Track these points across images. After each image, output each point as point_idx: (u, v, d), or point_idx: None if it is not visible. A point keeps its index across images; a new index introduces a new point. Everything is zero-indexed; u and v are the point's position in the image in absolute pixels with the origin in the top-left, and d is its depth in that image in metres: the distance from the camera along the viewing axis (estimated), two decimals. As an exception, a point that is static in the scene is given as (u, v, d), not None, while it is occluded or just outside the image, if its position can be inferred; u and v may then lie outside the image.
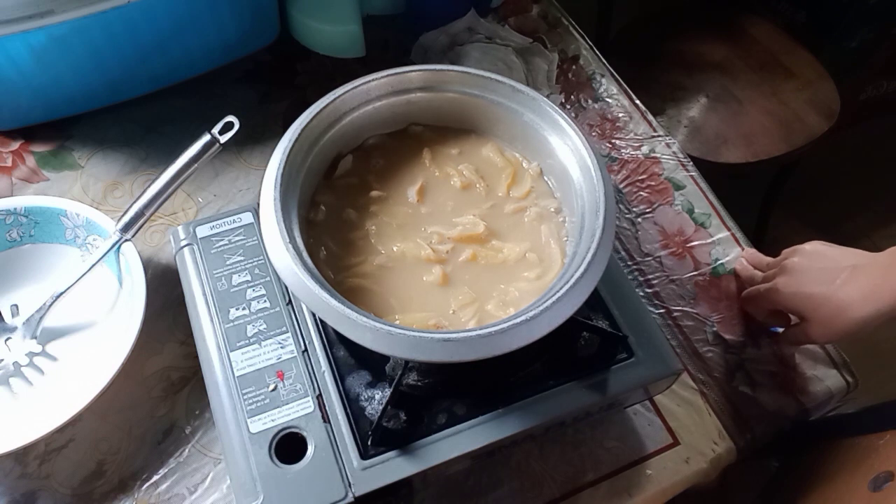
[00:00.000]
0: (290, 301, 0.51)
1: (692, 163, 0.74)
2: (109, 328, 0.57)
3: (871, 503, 0.52)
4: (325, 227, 0.50)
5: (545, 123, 0.51)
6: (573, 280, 0.42)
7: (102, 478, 0.53)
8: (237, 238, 0.53)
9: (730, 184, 0.91)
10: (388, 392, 0.45)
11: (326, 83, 0.55)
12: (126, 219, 0.57)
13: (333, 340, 0.49)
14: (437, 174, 0.54)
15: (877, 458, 0.55)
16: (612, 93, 0.79)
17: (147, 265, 0.58)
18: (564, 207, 0.52)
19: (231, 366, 0.48)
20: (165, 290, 0.61)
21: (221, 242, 0.53)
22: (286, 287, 0.50)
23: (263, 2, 0.71)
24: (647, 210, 0.71)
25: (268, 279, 0.51)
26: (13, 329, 0.57)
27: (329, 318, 0.41)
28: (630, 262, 0.67)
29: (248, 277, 0.51)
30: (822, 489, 0.60)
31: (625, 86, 0.80)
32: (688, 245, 0.69)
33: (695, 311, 0.65)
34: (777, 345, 0.63)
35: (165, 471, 0.54)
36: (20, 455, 0.54)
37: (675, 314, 0.65)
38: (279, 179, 0.45)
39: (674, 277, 0.66)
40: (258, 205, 0.47)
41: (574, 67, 0.81)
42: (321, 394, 0.47)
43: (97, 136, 0.71)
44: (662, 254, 0.68)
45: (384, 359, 0.48)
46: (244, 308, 0.50)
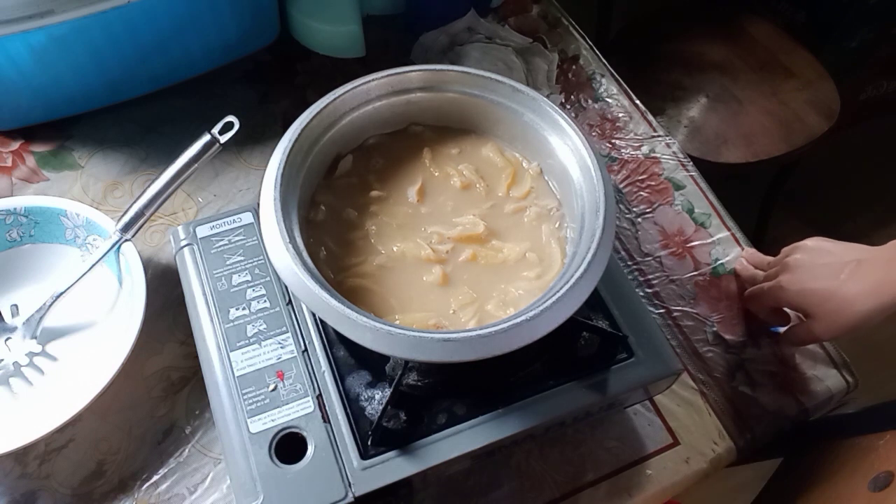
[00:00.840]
0: (290, 301, 0.51)
1: (692, 163, 0.74)
2: (109, 328, 0.57)
3: (871, 503, 0.52)
4: (325, 227, 0.50)
5: (545, 123, 0.51)
6: (573, 280, 0.42)
7: (102, 478, 0.53)
8: (237, 238, 0.53)
9: (730, 184, 0.91)
10: (388, 392, 0.45)
11: (326, 83, 0.55)
12: (126, 219, 0.57)
13: (333, 340, 0.49)
14: (437, 174, 0.54)
15: (877, 458, 0.55)
16: (612, 93, 0.79)
17: (147, 265, 0.58)
18: (564, 207, 0.52)
19: (231, 366, 0.48)
20: (165, 290, 0.61)
21: (221, 242, 0.53)
22: (286, 287, 0.50)
23: (263, 2, 0.71)
24: (647, 210, 0.71)
25: (268, 279, 0.51)
26: (13, 329, 0.57)
27: (329, 318, 0.41)
28: (630, 262, 0.67)
29: (248, 277, 0.51)
30: (822, 489, 0.60)
31: (625, 86, 0.80)
32: (688, 245, 0.69)
33: (695, 311, 0.65)
34: (779, 345, 0.63)
35: (165, 471, 0.54)
36: (20, 455, 0.54)
37: (675, 314, 0.65)
38: (279, 179, 0.45)
39: (674, 277, 0.66)
40: (258, 205, 0.47)
41: (574, 67, 0.81)
42: (321, 394, 0.47)
43: (97, 136, 0.71)
44: (662, 254, 0.68)
45: (384, 359, 0.48)
46: (244, 308, 0.50)
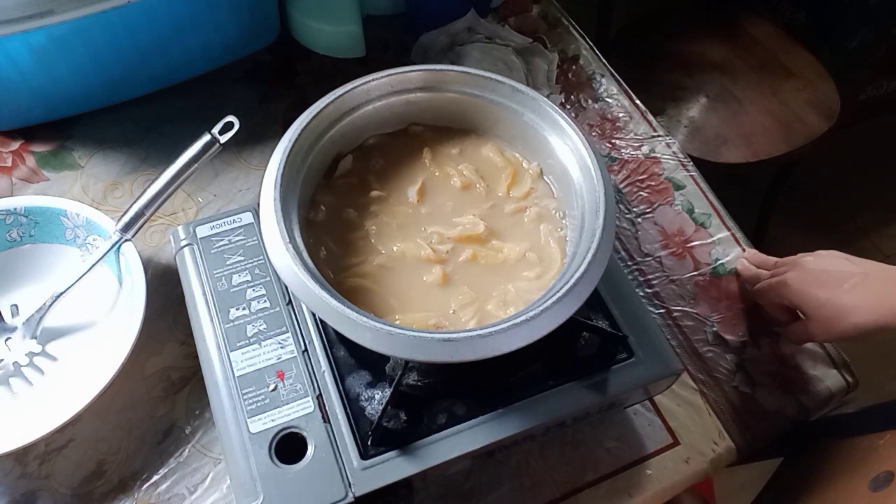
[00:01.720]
0: (290, 301, 0.51)
1: (692, 163, 0.74)
2: (109, 328, 0.57)
3: (872, 503, 0.52)
4: (325, 227, 0.50)
5: (545, 123, 0.51)
6: (573, 280, 0.42)
7: (102, 478, 0.53)
8: (237, 238, 0.53)
9: (730, 184, 0.91)
10: (388, 392, 0.45)
11: (326, 83, 0.55)
12: (126, 219, 0.57)
13: (333, 340, 0.49)
14: (437, 174, 0.54)
15: (877, 458, 0.55)
16: (612, 93, 0.79)
17: (147, 265, 0.58)
18: (564, 207, 0.52)
19: (231, 366, 0.48)
20: (165, 290, 0.61)
21: (221, 242, 0.53)
22: (286, 287, 0.50)
23: (263, 2, 0.71)
24: (647, 210, 0.71)
25: (268, 279, 0.51)
26: (13, 329, 0.57)
27: (329, 318, 0.41)
28: (630, 262, 0.67)
29: (248, 277, 0.51)
30: (822, 489, 0.60)
31: (625, 86, 0.80)
32: (688, 245, 0.69)
33: (695, 311, 0.65)
34: (778, 343, 0.63)
35: (165, 471, 0.54)
36: (20, 455, 0.54)
37: (675, 314, 0.65)
38: (279, 179, 0.45)
39: (674, 277, 0.66)
40: (258, 205, 0.47)
41: (574, 67, 0.81)
42: (321, 394, 0.47)
43: (97, 136, 0.71)
44: (662, 254, 0.68)
45: (384, 359, 0.48)
46: (244, 308, 0.50)
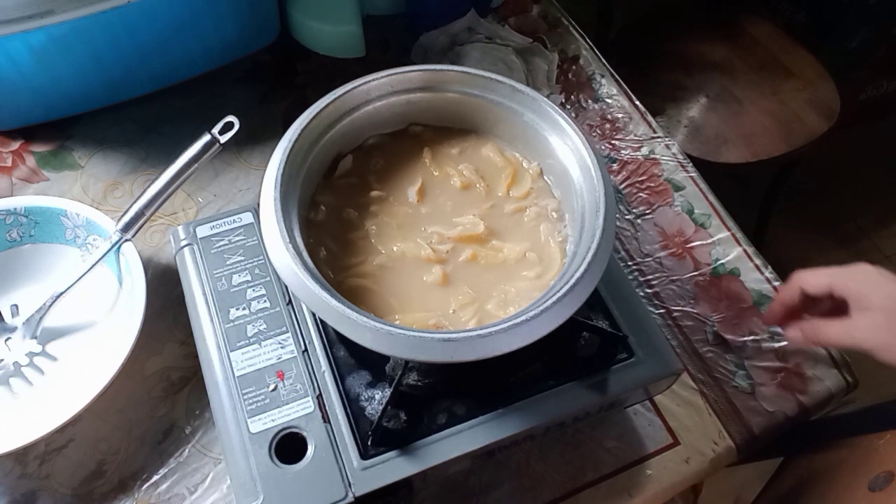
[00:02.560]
0: (290, 301, 0.51)
1: (692, 164, 0.74)
2: (109, 328, 0.57)
3: (872, 503, 0.52)
4: (325, 227, 0.50)
5: (545, 123, 0.51)
6: (573, 280, 0.42)
7: (102, 478, 0.53)
8: (237, 238, 0.53)
9: (730, 184, 0.91)
10: (388, 392, 0.45)
11: (326, 83, 0.55)
12: (126, 219, 0.57)
13: (333, 340, 0.49)
14: (437, 174, 0.54)
15: (877, 458, 0.55)
16: (612, 93, 0.79)
17: (147, 265, 0.58)
18: (564, 207, 0.52)
19: (231, 366, 0.48)
20: (165, 290, 0.61)
21: (221, 242, 0.53)
22: (286, 287, 0.50)
23: (263, 2, 0.71)
24: (647, 211, 0.71)
25: (268, 279, 0.51)
26: (13, 329, 0.57)
27: (329, 318, 0.41)
28: (630, 263, 0.67)
29: (248, 277, 0.51)
30: (822, 489, 0.60)
31: (625, 86, 0.80)
32: (688, 245, 0.69)
33: (695, 311, 0.65)
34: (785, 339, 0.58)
35: (165, 471, 0.54)
36: (20, 455, 0.54)
37: (675, 314, 0.65)
38: (279, 179, 0.45)
39: (674, 278, 0.66)
40: (258, 205, 0.47)
41: (574, 67, 0.81)
42: (321, 394, 0.47)
43: (97, 136, 0.71)
44: (662, 254, 0.68)
45: (384, 359, 0.48)
46: (244, 308, 0.50)
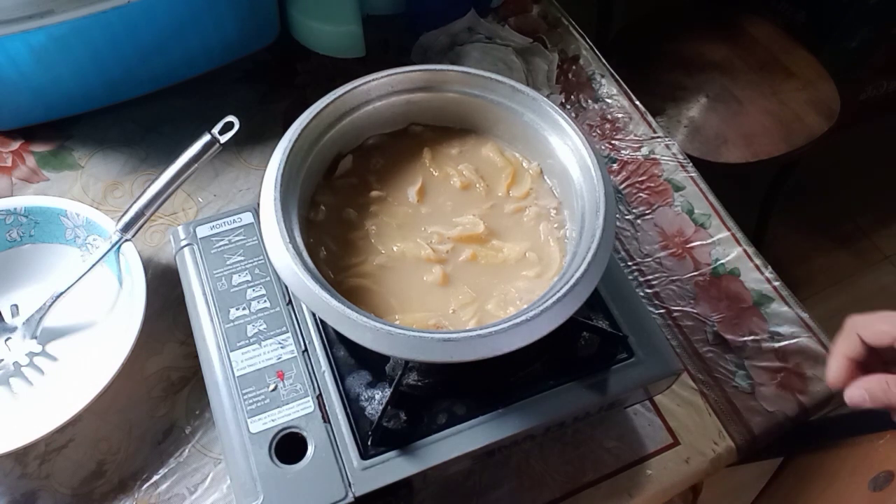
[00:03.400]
0: (290, 301, 0.51)
1: (692, 164, 0.74)
2: (109, 328, 0.57)
3: (872, 503, 0.52)
4: (325, 227, 0.50)
5: (545, 123, 0.51)
6: (573, 280, 0.42)
7: (102, 478, 0.53)
8: (237, 238, 0.53)
9: (730, 184, 0.91)
10: (388, 392, 0.45)
11: (326, 83, 0.55)
12: (126, 219, 0.57)
13: (333, 340, 0.49)
14: (437, 174, 0.54)
15: (877, 458, 0.55)
16: (612, 93, 0.79)
17: (147, 265, 0.58)
18: (564, 207, 0.52)
19: (231, 366, 0.48)
20: (165, 290, 0.61)
21: (221, 242, 0.53)
22: (286, 287, 0.50)
23: (263, 2, 0.71)
24: (647, 211, 0.71)
25: (268, 279, 0.51)
26: (13, 329, 0.57)
27: (329, 318, 0.41)
28: (630, 263, 0.67)
29: (248, 277, 0.51)
30: (822, 489, 0.60)
31: (625, 86, 0.80)
32: (688, 246, 0.69)
33: (695, 311, 0.65)
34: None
35: (165, 471, 0.54)
36: (20, 455, 0.54)
37: (675, 314, 0.65)
38: (279, 179, 0.45)
39: (674, 278, 0.66)
40: (258, 205, 0.47)
41: (574, 67, 0.81)
42: (321, 394, 0.47)
43: (97, 136, 0.71)
44: (662, 255, 0.68)
45: (384, 359, 0.48)
46: (244, 308, 0.50)
